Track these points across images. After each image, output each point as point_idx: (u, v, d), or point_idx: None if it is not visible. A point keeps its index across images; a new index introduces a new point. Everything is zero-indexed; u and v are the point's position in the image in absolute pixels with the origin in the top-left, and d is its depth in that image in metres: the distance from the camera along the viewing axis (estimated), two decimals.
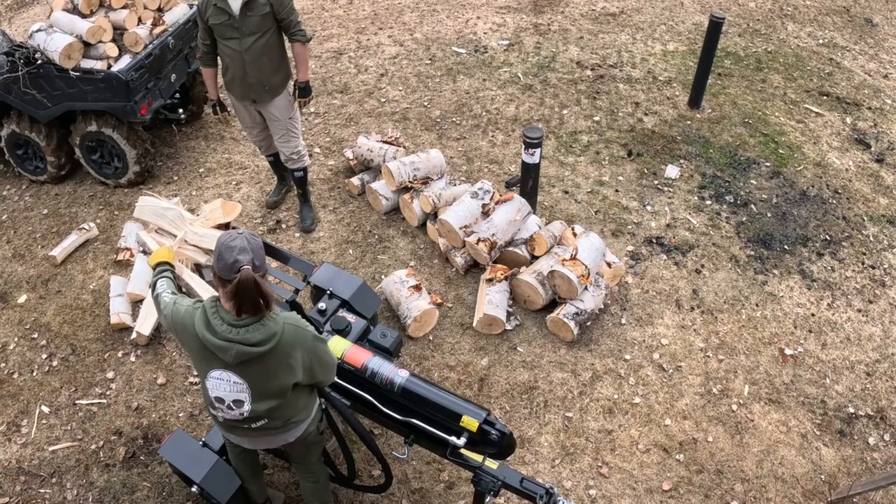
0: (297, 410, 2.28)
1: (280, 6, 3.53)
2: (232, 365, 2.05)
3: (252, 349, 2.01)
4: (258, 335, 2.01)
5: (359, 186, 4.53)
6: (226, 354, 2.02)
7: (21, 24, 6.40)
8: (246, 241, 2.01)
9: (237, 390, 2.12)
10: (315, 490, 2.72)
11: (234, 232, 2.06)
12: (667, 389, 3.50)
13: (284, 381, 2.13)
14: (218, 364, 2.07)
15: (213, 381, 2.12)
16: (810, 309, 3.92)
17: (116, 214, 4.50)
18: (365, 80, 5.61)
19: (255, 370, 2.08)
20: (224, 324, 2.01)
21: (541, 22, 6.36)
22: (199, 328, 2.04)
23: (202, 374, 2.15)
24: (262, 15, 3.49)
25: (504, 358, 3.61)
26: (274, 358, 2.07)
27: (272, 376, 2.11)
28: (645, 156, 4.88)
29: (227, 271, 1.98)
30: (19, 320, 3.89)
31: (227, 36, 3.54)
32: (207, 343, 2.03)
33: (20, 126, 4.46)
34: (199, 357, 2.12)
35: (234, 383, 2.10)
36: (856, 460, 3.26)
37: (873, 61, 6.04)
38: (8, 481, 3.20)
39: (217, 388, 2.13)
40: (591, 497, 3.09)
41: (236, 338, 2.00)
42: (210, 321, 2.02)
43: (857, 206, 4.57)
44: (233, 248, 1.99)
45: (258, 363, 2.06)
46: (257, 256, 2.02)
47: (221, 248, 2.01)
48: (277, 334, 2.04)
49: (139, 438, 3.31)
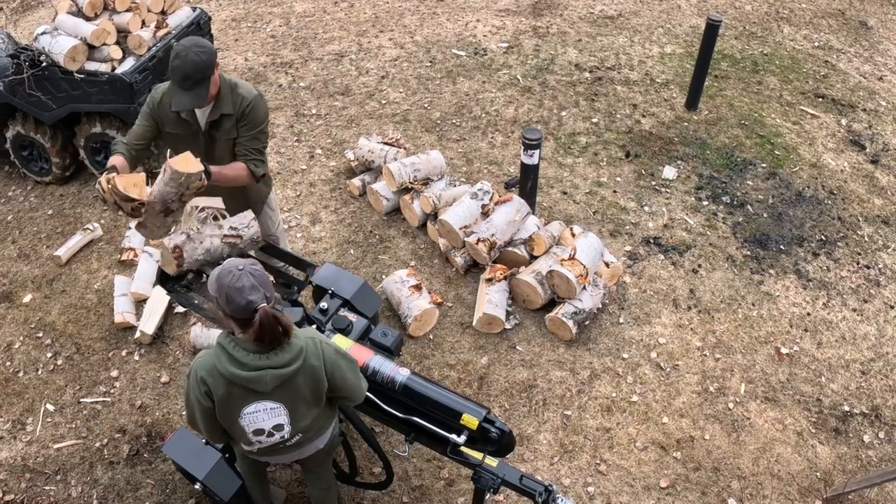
0: (327, 416, 2.29)
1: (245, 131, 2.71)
2: (266, 393, 2.01)
3: (285, 371, 1.99)
4: (287, 356, 1.99)
5: (360, 187, 4.57)
6: (260, 383, 1.98)
7: (26, 26, 6.43)
8: (252, 278, 1.92)
9: (275, 415, 2.08)
10: (326, 497, 2.73)
11: (235, 269, 1.94)
12: (664, 388, 3.53)
13: (318, 390, 2.11)
14: (250, 398, 2.02)
15: (247, 417, 2.06)
16: (806, 308, 3.96)
17: (120, 215, 4.51)
18: (366, 82, 5.66)
19: (289, 390, 2.05)
20: (250, 354, 1.97)
21: (540, 25, 6.40)
22: (222, 367, 1.97)
23: (233, 418, 2.06)
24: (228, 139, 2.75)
25: (503, 357, 3.65)
26: (304, 373, 2.05)
27: (306, 390, 2.08)
28: (643, 157, 4.92)
29: (243, 312, 1.92)
30: (24, 319, 3.92)
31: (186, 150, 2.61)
32: (237, 379, 1.96)
33: (25, 127, 4.50)
34: (227, 399, 2.02)
35: (271, 409, 2.06)
36: (851, 458, 3.29)
37: (868, 64, 6.08)
38: (13, 479, 3.24)
39: (254, 422, 2.07)
40: (589, 494, 3.12)
41: (267, 363, 1.96)
42: (234, 356, 1.96)
43: (853, 207, 4.62)
44: (241, 289, 1.90)
45: (291, 383, 2.04)
46: (266, 289, 1.95)
47: (229, 292, 1.91)
48: (303, 350, 2.03)
49: (143, 436, 3.35)
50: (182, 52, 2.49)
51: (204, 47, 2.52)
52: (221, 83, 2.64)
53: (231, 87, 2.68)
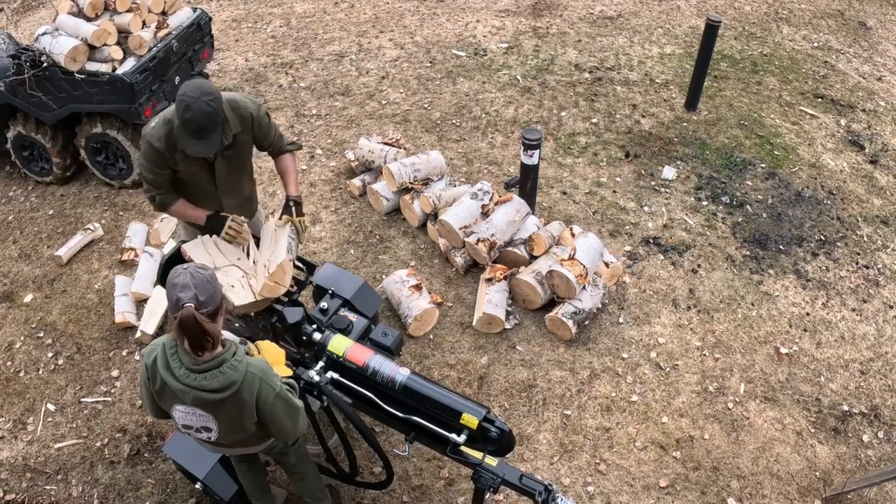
0: (258, 438, 2.30)
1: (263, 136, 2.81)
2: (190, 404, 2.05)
3: (209, 396, 1.99)
4: (216, 382, 1.97)
5: (360, 187, 4.58)
6: (185, 397, 2.01)
7: (27, 27, 6.44)
8: (190, 277, 1.94)
9: (203, 420, 2.12)
10: (303, 486, 2.76)
11: (181, 267, 1.99)
12: (664, 388, 3.54)
13: (246, 422, 2.11)
14: (180, 401, 2.06)
15: (178, 412, 2.11)
16: (805, 308, 3.97)
17: (121, 215, 4.54)
18: (366, 82, 5.66)
19: (215, 408, 2.07)
20: (182, 367, 1.98)
21: (539, 25, 6.41)
22: (160, 368, 2.01)
23: (167, 407, 2.13)
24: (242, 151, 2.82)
25: (503, 356, 3.66)
26: (234, 402, 2.04)
27: (235, 414, 2.09)
28: (642, 157, 4.93)
29: (173, 308, 1.94)
30: (25, 319, 3.93)
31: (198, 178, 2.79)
32: (167, 383, 2.01)
33: (26, 128, 4.51)
34: (160, 391, 2.08)
35: (200, 415, 2.10)
36: (850, 457, 3.30)
37: (867, 64, 6.09)
38: (14, 478, 3.25)
39: (183, 419, 2.13)
40: (589, 494, 3.13)
41: (193, 384, 1.97)
42: (169, 362, 1.99)
43: (852, 207, 4.62)
44: (175, 285, 1.93)
45: (219, 403, 2.04)
46: (202, 292, 1.93)
47: (168, 286, 1.96)
48: (236, 383, 1.99)
49: (143, 436, 3.36)
50: (193, 104, 2.42)
51: (211, 94, 2.46)
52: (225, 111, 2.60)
53: (233, 107, 2.67)
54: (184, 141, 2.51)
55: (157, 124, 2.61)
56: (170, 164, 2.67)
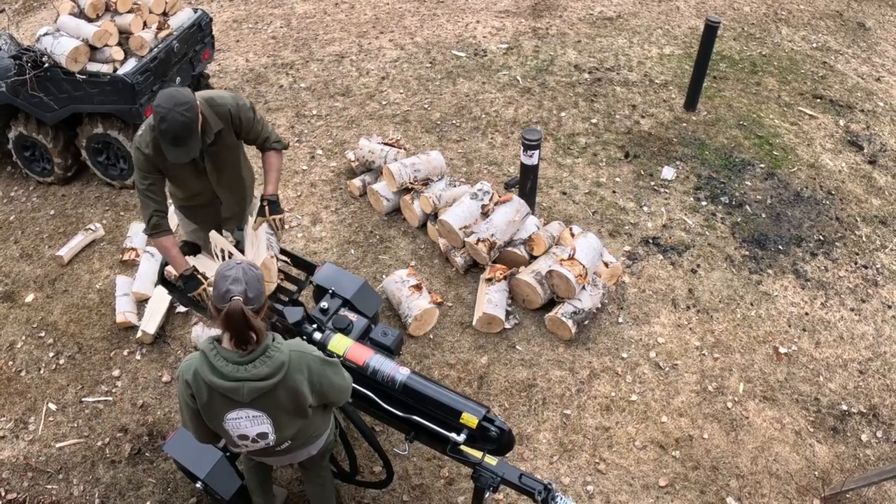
0: (317, 426, 2.30)
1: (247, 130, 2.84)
2: (246, 403, 2.02)
3: (263, 384, 1.98)
4: (266, 368, 1.98)
5: (360, 187, 4.59)
6: (238, 394, 1.98)
7: (28, 27, 6.46)
8: (242, 272, 1.97)
9: (258, 423, 2.09)
10: (321, 493, 2.75)
11: (233, 261, 2.03)
12: (663, 387, 3.55)
13: (301, 404, 2.10)
14: (231, 405, 2.03)
15: (231, 422, 2.07)
16: (804, 308, 3.98)
17: (122, 215, 4.55)
18: (366, 83, 5.68)
19: (270, 401, 2.05)
20: (229, 364, 1.96)
21: (539, 26, 6.42)
22: (204, 374, 1.98)
23: (217, 421, 2.08)
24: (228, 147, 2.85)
25: (503, 356, 3.67)
26: (286, 386, 2.04)
27: (288, 403, 2.08)
28: (642, 157, 4.94)
29: (220, 300, 1.95)
30: (27, 319, 3.94)
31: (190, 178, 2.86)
32: (216, 387, 1.97)
33: (28, 128, 4.52)
34: (209, 403, 2.04)
35: (253, 417, 2.07)
36: (849, 457, 3.31)
37: (866, 65, 6.11)
38: (16, 477, 3.26)
39: (237, 428, 2.09)
40: (588, 493, 3.14)
41: (245, 375, 1.96)
42: (214, 364, 1.97)
43: (850, 207, 4.64)
44: (227, 277, 1.97)
45: (272, 394, 2.03)
46: (251, 289, 1.97)
47: (217, 278, 1.98)
48: (285, 364, 2.01)
49: (144, 435, 3.37)
50: (167, 115, 2.48)
51: (186, 103, 2.50)
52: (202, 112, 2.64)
53: (211, 105, 2.71)
54: (164, 148, 2.59)
55: (144, 131, 2.68)
56: (159, 167, 2.72)
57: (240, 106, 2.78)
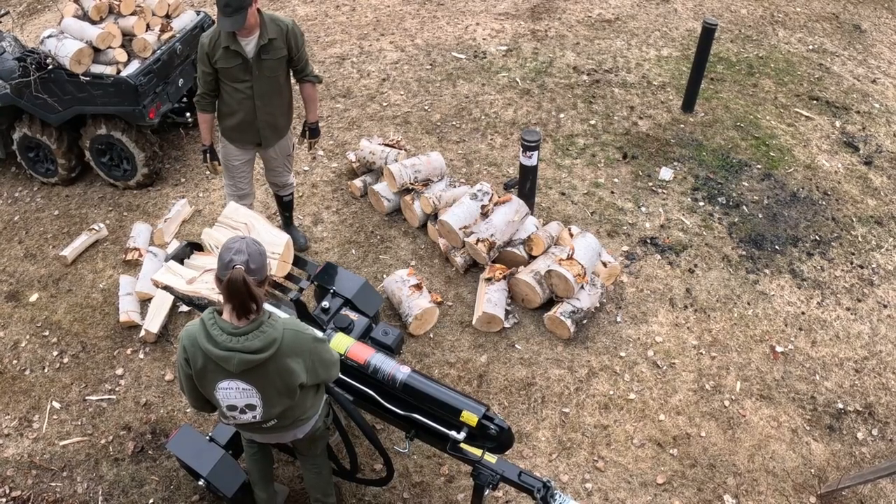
0: (304, 409, 2.34)
1: (297, 49, 3.38)
2: (236, 374, 2.08)
3: (253, 356, 2.03)
4: (258, 342, 2.03)
5: (361, 188, 4.62)
6: (229, 364, 2.03)
7: (33, 30, 6.49)
8: (245, 245, 2.04)
9: (247, 396, 2.14)
10: (317, 481, 2.79)
11: (239, 236, 2.11)
12: (661, 386, 3.58)
13: (290, 383, 2.15)
14: (223, 374, 2.09)
15: (222, 391, 2.13)
16: (800, 307, 4.01)
17: (125, 215, 4.59)
18: (367, 84, 5.71)
19: (260, 376, 2.10)
20: (224, 333, 2.01)
21: (538, 28, 6.46)
22: (200, 341, 2.05)
23: (210, 388, 2.15)
24: (277, 59, 3.33)
25: (502, 355, 3.70)
26: (277, 363, 2.09)
27: (278, 380, 2.12)
28: (640, 158, 4.98)
29: (222, 269, 2.01)
30: (31, 318, 3.97)
31: (238, 79, 3.32)
32: (210, 354, 2.03)
33: (32, 129, 4.55)
34: (203, 370, 2.11)
35: (243, 389, 2.12)
36: (845, 455, 3.34)
37: (862, 66, 6.15)
38: (20, 475, 3.28)
39: (228, 398, 2.15)
40: (587, 490, 3.17)
41: (237, 346, 2.01)
42: (210, 332, 2.03)
43: (846, 208, 4.67)
44: (231, 248, 2.03)
45: (262, 369, 2.08)
46: (254, 260, 2.03)
47: (222, 249, 2.05)
48: (277, 340, 2.06)
49: (147, 433, 3.39)
50: None
51: None
52: (261, 16, 3.25)
53: (271, 18, 3.31)
54: (219, 21, 3.12)
55: (211, 30, 3.28)
56: (210, 58, 3.27)
57: (295, 28, 3.37)
